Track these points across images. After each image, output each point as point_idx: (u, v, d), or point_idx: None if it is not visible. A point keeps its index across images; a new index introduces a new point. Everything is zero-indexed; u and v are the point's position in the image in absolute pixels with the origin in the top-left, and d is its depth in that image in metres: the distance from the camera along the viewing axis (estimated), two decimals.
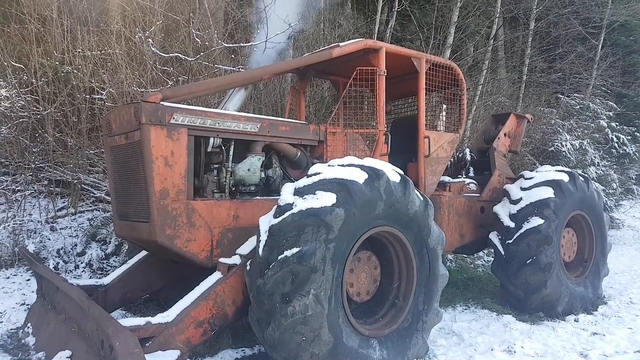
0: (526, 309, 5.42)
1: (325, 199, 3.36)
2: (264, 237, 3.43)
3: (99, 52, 6.00)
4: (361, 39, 4.95)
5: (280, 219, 3.38)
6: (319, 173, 3.62)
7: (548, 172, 5.77)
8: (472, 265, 8.40)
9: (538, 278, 5.24)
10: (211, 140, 4.05)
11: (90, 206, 7.67)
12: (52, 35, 6.28)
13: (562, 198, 5.45)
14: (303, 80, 5.86)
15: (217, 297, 3.56)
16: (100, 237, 6.84)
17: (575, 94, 14.86)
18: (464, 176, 6.56)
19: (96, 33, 6.21)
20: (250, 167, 4.26)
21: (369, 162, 3.79)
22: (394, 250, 3.96)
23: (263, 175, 4.41)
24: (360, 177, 3.55)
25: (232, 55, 5.94)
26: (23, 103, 5.91)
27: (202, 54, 5.51)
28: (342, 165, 3.71)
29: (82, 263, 6.32)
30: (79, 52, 6.01)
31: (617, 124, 13.84)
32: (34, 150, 6.56)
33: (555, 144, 12.42)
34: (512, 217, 5.49)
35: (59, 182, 7.40)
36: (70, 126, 6.76)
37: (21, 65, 6.29)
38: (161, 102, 3.72)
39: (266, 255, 3.34)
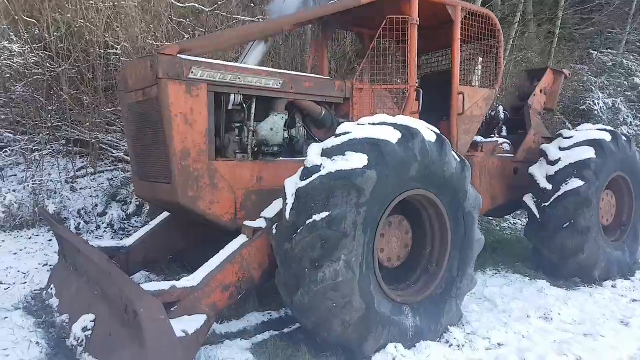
0: (561, 274, 5.21)
1: (356, 160, 3.13)
2: (290, 200, 3.24)
3: (112, 5, 5.70)
4: None
5: (307, 181, 3.16)
6: (348, 132, 3.37)
7: (589, 131, 5.41)
8: (498, 228, 8.17)
9: (575, 242, 4.99)
10: (232, 97, 3.80)
11: (110, 166, 7.57)
12: None
13: (604, 159, 5.12)
14: (325, 33, 5.51)
15: (243, 260, 3.41)
16: (121, 198, 6.75)
17: (608, 50, 14.07)
18: (497, 136, 6.22)
19: None
20: (273, 127, 4.02)
21: (402, 120, 3.52)
22: (427, 214, 3.74)
23: (286, 135, 4.17)
24: (394, 136, 3.29)
25: (252, 4, 5.56)
26: (37, 59, 5.70)
27: (219, 3, 5.15)
28: (374, 124, 3.45)
29: (103, 224, 6.26)
30: (92, 4, 5.72)
31: None
32: (50, 108, 6.40)
33: (587, 102, 11.84)
34: (549, 178, 5.19)
35: (77, 142, 7.29)
36: (85, 83, 6.57)
37: (33, 20, 6.04)
38: (179, 55, 3.47)
39: (293, 219, 3.15)
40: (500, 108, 6.58)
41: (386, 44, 4.73)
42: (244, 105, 3.91)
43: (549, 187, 5.15)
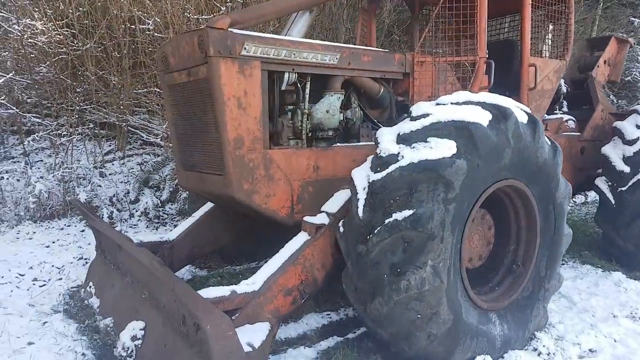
0: (635, 264, 4.74)
1: (442, 147, 2.68)
2: (362, 195, 2.81)
3: None
4: None
5: (384, 173, 2.73)
6: (427, 114, 2.92)
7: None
8: None
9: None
10: (286, 75, 3.35)
11: (139, 149, 7.23)
12: None
13: None
14: (374, 1, 4.98)
15: (305, 261, 3.02)
16: (153, 183, 6.43)
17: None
18: (560, 111, 5.68)
19: None
20: (329, 108, 3.57)
21: (488, 97, 3.04)
22: (513, 206, 3.29)
23: (342, 118, 3.71)
24: (484, 118, 2.82)
25: None
26: (61, 37, 5.28)
27: None
28: (457, 103, 2.98)
29: (136, 211, 5.95)
30: None
31: None
32: (77, 90, 6.02)
33: (633, 73, 11.11)
34: (626, 160, 4.68)
35: (104, 125, 6.93)
36: (111, 63, 6.15)
37: None
38: (229, 29, 3.02)
39: (368, 217, 2.73)
40: (562, 80, 6.01)
41: (446, 12, 4.18)
42: (299, 85, 3.46)
43: (627, 169, 4.65)
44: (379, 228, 2.65)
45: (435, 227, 2.59)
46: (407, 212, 2.58)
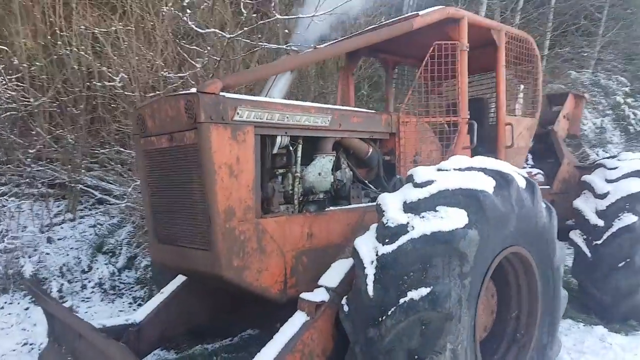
0: (613, 316, 4.77)
1: (454, 217, 2.54)
2: (370, 269, 2.60)
3: (101, 30, 4.94)
4: (441, 6, 4.08)
5: (394, 246, 2.55)
6: (432, 181, 2.79)
7: (632, 160, 5.06)
8: None
9: (630, 282, 4.60)
10: (278, 139, 3.16)
11: (91, 209, 6.69)
12: (41, 6, 5.19)
13: None
14: (353, 60, 4.97)
15: (304, 347, 2.73)
16: (108, 249, 5.91)
17: (583, 70, 14.27)
18: (527, 165, 5.80)
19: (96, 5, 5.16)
20: (322, 171, 3.39)
21: (487, 162, 2.98)
22: (515, 272, 3.19)
23: (332, 180, 3.55)
24: (489, 185, 2.73)
25: (286, 31, 4.91)
26: (13, 93, 4.85)
27: (245, 29, 4.49)
28: (460, 169, 2.89)
29: (90, 282, 5.39)
30: (81, 28, 4.93)
31: (633, 100, 13.31)
32: (28, 149, 5.52)
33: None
34: (599, 213, 4.79)
35: (53, 184, 6.38)
36: (66, 118, 5.73)
37: (4, 47, 5.20)
38: (221, 93, 2.81)
39: (380, 296, 2.51)
40: None
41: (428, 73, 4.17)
42: (290, 148, 3.27)
43: (601, 223, 4.74)
44: (393, 309, 2.43)
45: (453, 306, 2.42)
46: (424, 291, 2.40)
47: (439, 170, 2.93)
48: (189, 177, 2.93)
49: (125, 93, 4.61)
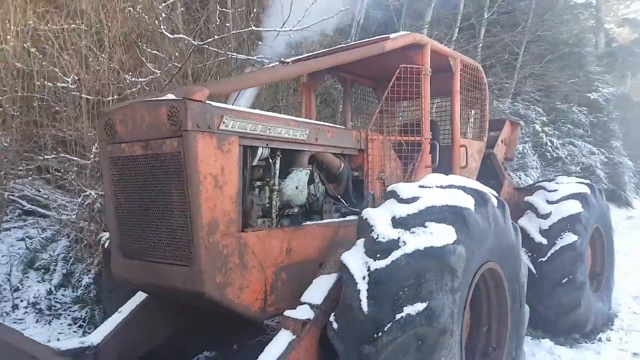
0: (556, 330, 5.07)
1: (443, 233, 2.60)
2: (363, 285, 2.58)
3: (47, 28, 4.57)
4: (408, 32, 4.22)
5: (388, 261, 2.55)
6: (417, 197, 2.84)
7: (569, 184, 5.48)
8: None
9: (572, 298, 4.91)
10: (259, 151, 3.08)
11: (17, 221, 6.10)
12: None
13: (589, 212, 5.18)
14: (315, 77, 4.98)
15: None
16: (40, 264, 5.40)
17: (504, 99, 15.40)
18: None
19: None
20: (299, 184, 3.35)
21: (464, 181, 3.09)
22: (486, 287, 3.30)
23: (307, 194, 3.50)
24: (470, 202, 2.83)
25: (258, 42, 4.78)
26: None
27: (215, 37, 4.34)
28: (442, 187, 2.96)
29: (22, 301, 4.88)
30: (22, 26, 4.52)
31: (550, 128, 14.54)
32: None
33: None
34: (543, 233, 5.11)
35: None
36: None
37: None
38: (206, 102, 2.70)
39: (374, 311, 2.49)
40: None
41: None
42: (270, 160, 3.19)
43: (544, 241, 5.06)
44: (389, 325, 2.41)
45: (447, 321, 2.45)
46: (421, 306, 2.41)
47: (420, 187, 2.98)
48: (166, 187, 2.76)
49: (82, 95, 4.27)
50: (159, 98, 2.76)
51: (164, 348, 3.75)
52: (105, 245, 4.26)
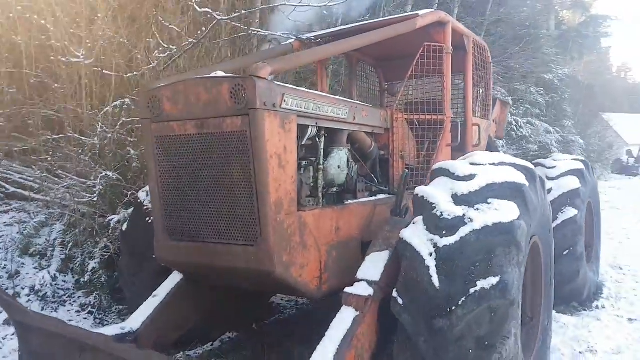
0: (557, 299, 5.30)
1: (508, 209, 2.66)
2: (431, 261, 2.60)
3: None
4: (432, 10, 4.22)
5: (457, 237, 2.58)
6: (474, 174, 2.88)
7: (567, 161, 5.72)
8: None
9: (572, 268, 5.17)
10: (309, 130, 3.03)
11: (6, 205, 5.73)
12: None
13: (585, 187, 5.45)
14: None
15: (358, 342, 2.66)
16: (36, 250, 5.12)
17: None
18: None
19: None
20: (340, 163, 3.34)
21: (510, 158, 3.17)
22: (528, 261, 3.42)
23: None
24: (524, 179, 2.91)
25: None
26: None
27: (238, 13, 4.13)
28: (494, 164, 3.02)
29: (23, 289, 4.62)
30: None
31: (513, 109, 15.05)
32: None
33: None
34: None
35: None
36: None
37: None
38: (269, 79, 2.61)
39: (446, 287, 2.52)
40: None
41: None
42: (317, 140, 3.15)
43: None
44: (463, 299, 2.46)
45: (515, 292, 2.53)
46: (494, 280, 2.47)
47: (473, 164, 3.03)
48: (227, 167, 2.67)
49: (95, 68, 3.98)
50: (216, 75, 2.65)
51: (193, 331, 3.69)
52: (124, 228, 4.11)
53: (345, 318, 2.71)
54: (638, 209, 14.00)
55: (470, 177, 2.87)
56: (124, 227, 4.08)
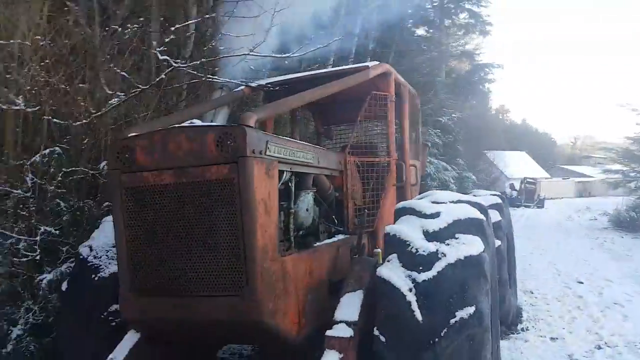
0: None
1: (474, 243, 2.93)
2: (411, 297, 2.76)
3: None
4: (379, 62, 4.55)
5: (434, 271, 2.78)
6: (439, 212, 3.13)
7: (487, 196, 6.29)
8: None
9: (500, 294, 5.62)
10: (284, 175, 3.10)
11: None
12: None
13: (504, 219, 6.02)
14: (273, 99, 5.03)
15: None
16: None
17: None
18: None
19: None
20: (308, 207, 3.43)
21: (461, 196, 3.50)
22: None
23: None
24: (479, 214, 3.22)
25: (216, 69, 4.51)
26: None
27: (203, 60, 4.05)
28: (453, 202, 3.31)
29: None
30: None
31: None
32: None
33: None
34: None
35: None
36: None
37: None
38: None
39: (429, 320, 2.68)
40: None
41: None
42: (289, 184, 3.22)
43: None
44: (445, 330, 2.63)
45: (488, 320, 2.77)
46: (470, 310, 2.68)
47: (435, 202, 3.29)
48: (209, 215, 2.64)
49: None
50: (198, 124, 2.66)
51: None
52: (63, 288, 3.80)
53: None
54: (531, 236, 15.57)
55: (436, 215, 3.11)
56: (64, 286, 3.76)
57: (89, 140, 4.77)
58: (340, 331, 2.86)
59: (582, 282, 8.41)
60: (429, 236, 2.98)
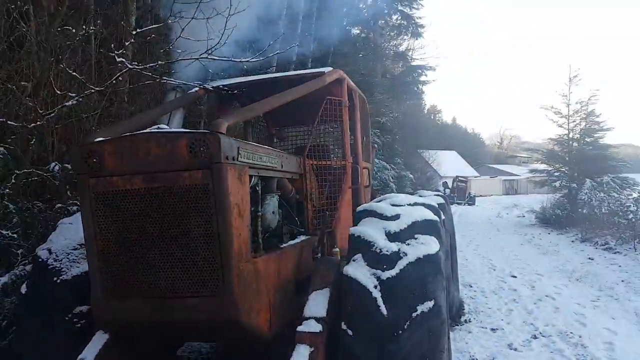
0: None
1: (431, 243, 3.16)
2: (376, 293, 2.95)
3: None
4: (333, 69, 4.71)
5: (397, 269, 2.98)
6: (399, 214, 3.34)
7: (431, 196, 6.64)
8: None
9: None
10: (252, 179, 3.19)
11: None
12: None
13: (447, 218, 6.41)
14: (227, 103, 5.07)
15: None
16: None
17: None
18: None
19: None
20: (274, 209, 3.54)
21: (417, 199, 3.74)
22: None
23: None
24: (434, 215, 3.47)
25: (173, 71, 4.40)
26: None
27: (160, 62, 3.95)
28: (410, 204, 3.54)
29: None
30: None
31: None
32: None
33: None
34: None
35: None
36: None
37: None
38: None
39: (393, 314, 2.89)
40: None
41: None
42: (257, 188, 3.31)
43: None
44: (408, 323, 2.85)
45: (445, 312, 3.01)
46: (430, 304, 2.91)
47: (394, 205, 3.50)
48: (183, 219, 2.69)
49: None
50: (170, 130, 2.70)
51: None
52: (23, 290, 3.69)
53: (302, 355, 2.87)
54: (464, 232, 16.45)
55: (396, 217, 3.32)
56: (23, 289, 3.64)
57: (35, 141, 4.60)
58: (311, 326, 3.01)
59: (515, 276, 9.06)
60: (391, 237, 3.18)
